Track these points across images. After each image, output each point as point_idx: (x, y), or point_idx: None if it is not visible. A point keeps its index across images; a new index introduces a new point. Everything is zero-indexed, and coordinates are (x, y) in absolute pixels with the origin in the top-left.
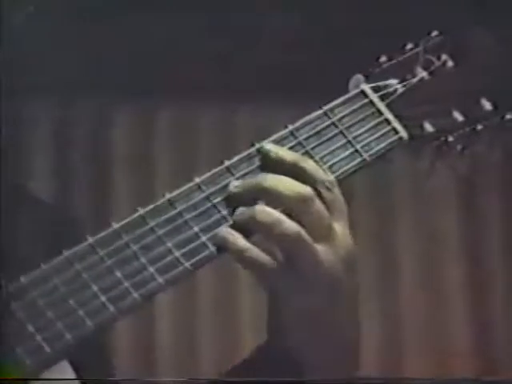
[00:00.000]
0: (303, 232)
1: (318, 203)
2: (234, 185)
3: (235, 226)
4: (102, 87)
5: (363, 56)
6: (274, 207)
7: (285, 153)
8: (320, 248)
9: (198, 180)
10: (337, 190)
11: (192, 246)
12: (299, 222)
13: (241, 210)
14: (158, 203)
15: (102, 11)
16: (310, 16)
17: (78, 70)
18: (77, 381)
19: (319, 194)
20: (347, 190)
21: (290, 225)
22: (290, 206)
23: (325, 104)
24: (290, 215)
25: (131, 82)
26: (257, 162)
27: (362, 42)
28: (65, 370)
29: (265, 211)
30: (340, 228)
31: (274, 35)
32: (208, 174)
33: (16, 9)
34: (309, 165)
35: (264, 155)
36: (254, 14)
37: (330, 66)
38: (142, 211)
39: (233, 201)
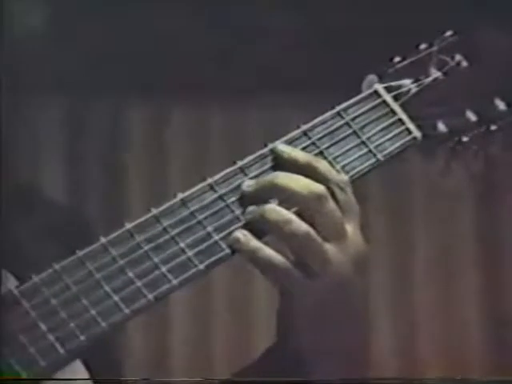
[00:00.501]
0: (312, 232)
1: (331, 203)
2: (247, 184)
3: (247, 227)
4: (115, 87)
5: (377, 56)
6: (288, 206)
7: (298, 153)
8: (330, 248)
9: (210, 180)
10: (350, 191)
11: (205, 246)
12: (311, 221)
13: (251, 208)
14: (171, 203)
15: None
16: (324, 15)
17: (90, 70)
18: (89, 381)
19: (332, 194)
20: (360, 191)
21: (300, 224)
22: (303, 205)
23: (338, 104)
24: (301, 215)
25: (145, 81)
26: (270, 162)
27: (376, 42)
28: (78, 370)
29: (275, 210)
30: (351, 229)
31: (286, 35)
32: (221, 174)
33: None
34: (322, 165)
35: (277, 156)
36: (266, 13)
37: (343, 66)
38: (155, 211)
39: (246, 200)
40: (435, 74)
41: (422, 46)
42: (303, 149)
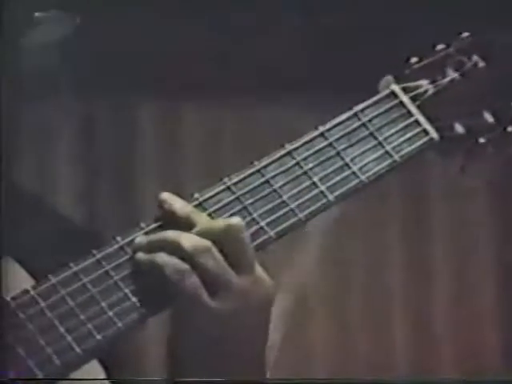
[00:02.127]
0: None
1: (214, 258)
2: (139, 240)
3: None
4: (126, 87)
5: (394, 57)
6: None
7: (179, 206)
8: (212, 303)
9: (227, 181)
10: (238, 237)
11: None
12: (201, 275)
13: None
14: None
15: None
16: (341, 16)
17: (100, 70)
18: (106, 381)
19: (220, 247)
20: (378, 191)
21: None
22: (191, 260)
23: (355, 105)
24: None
25: (155, 81)
26: (287, 163)
27: (392, 42)
28: (94, 370)
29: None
30: (242, 280)
31: (303, 35)
32: (238, 175)
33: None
34: (201, 219)
35: (159, 205)
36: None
37: (359, 67)
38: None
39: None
40: (452, 74)
41: (439, 47)
42: (320, 150)
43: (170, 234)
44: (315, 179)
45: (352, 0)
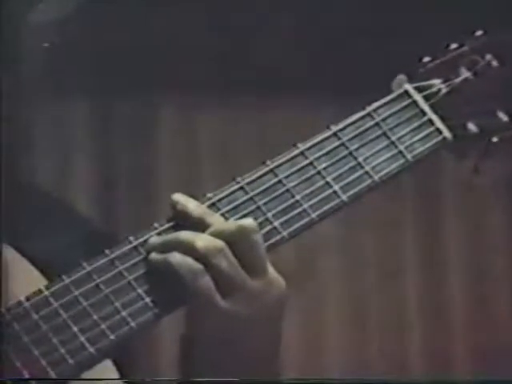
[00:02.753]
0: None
1: (228, 259)
2: (153, 240)
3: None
4: (144, 87)
5: (407, 56)
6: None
7: (192, 207)
8: (224, 304)
9: (240, 181)
10: (251, 239)
11: None
12: (215, 275)
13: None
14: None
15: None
16: (356, 15)
17: (116, 70)
18: (119, 381)
19: (233, 248)
20: (391, 190)
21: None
22: (204, 260)
23: (368, 104)
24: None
25: (173, 81)
26: (300, 163)
27: (406, 42)
28: (108, 370)
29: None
30: (255, 282)
31: (311, 36)
32: (251, 175)
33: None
34: (214, 220)
35: (172, 206)
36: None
37: (372, 66)
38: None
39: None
40: (465, 74)
41: (453, 46)
42: (333, 150)
43: (184, 235)
44: (328, 179)
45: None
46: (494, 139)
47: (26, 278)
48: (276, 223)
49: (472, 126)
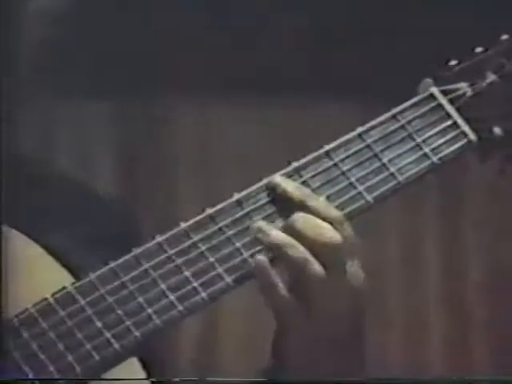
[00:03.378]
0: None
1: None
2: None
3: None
4: (166, 84)
5: (433, 59)
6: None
7: (293, 189)
8: (329, 282)
9: (265, 181)
10: (347, 227)
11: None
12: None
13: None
14: (227, 203)
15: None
16: (384, 17)
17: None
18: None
19: None
20: (415, 193)
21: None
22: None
23: (394, 107)
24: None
25: (194, 80)
26: (325, 164)
27: (431, 44)
28: (134, 368)
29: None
30: (351, 265)
31: (337, 38)
32: (276, 176)
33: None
34: (317, 203)
35: (272, 189)
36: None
37: (398, 69)
38: (210, 211)
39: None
40: (492, 77)
41: (479, 50)
42: (358, 152)
43: (300, 224)
44: (353, 180)
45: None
46: None
47: (50, 272)
48: None
49: (497, 130)
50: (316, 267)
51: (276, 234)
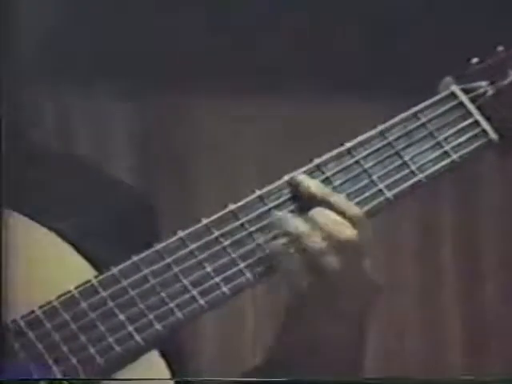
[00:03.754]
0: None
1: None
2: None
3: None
4: (183, 80)
5: (454, 58)
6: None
7: (315, 187)
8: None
9: (287, 178)
10: (365, 225)
11: None
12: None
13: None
14: (249, 199)
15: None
16: (407, 16)
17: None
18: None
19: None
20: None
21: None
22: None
23: (415, 105)
24: None
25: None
26: (346, 161)
27: (454, 44)
28: (155, 361)
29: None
30: (364, 262)
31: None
32: (297, 172)
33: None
34: (338, 199)
35: (295, 186)
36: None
37: (420, 68)
38: (233, 207)
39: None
40: None
41: (500, 49)
42: (379, 149)
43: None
44: (374, 177)
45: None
46: None
47: (69, 263)
48: None
49: None
50: (331, 259)
51: (296, 222)
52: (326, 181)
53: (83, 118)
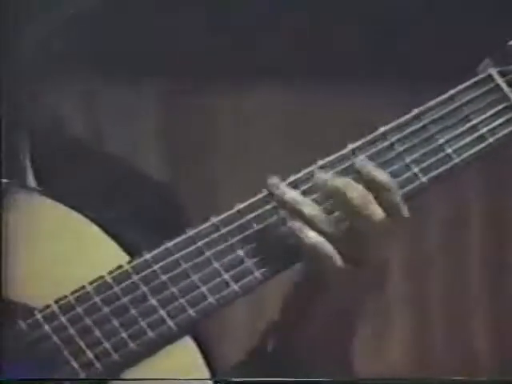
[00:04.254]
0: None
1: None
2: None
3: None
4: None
5: (493, 40)
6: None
7: (378, 174)
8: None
9: (321, 162)
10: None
11: None
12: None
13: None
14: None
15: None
16: (407, 16)
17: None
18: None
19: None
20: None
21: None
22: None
23: (451, 88)
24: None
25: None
26: (381, 145)
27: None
28: (188, 347)
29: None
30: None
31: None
32: (332, 157)
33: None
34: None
35: (357, 171)
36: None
37: (420, 68)
38: (266, 193)
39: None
40: None
41: None
42: (414, 132)
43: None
44: (408, 161)
45: None
46: None
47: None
48: None
49: None
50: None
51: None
52: None
53: (111, 109)
